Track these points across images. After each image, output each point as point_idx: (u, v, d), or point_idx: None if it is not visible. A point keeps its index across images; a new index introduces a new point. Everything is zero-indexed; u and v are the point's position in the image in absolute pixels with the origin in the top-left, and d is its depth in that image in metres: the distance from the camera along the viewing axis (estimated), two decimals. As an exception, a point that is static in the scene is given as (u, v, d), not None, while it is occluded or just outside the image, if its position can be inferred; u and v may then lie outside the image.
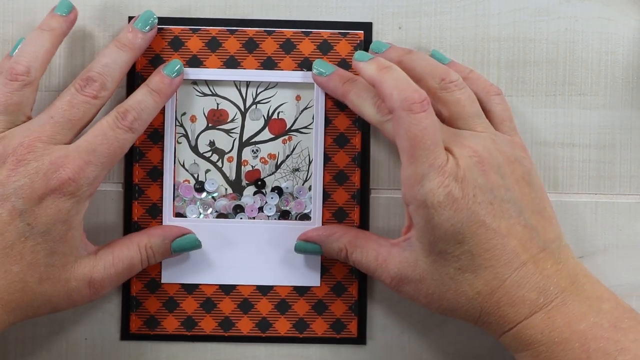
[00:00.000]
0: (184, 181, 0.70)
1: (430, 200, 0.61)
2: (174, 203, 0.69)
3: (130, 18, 0.70)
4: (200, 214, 0.70)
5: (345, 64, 0.69)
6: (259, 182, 0.70)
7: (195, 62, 0.69)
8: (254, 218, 0.70)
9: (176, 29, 0.69)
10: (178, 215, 0.70)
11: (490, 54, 0.71)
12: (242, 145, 0.70)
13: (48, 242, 0.62)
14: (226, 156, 0.70)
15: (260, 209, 0.70)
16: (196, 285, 0.70)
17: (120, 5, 0.70)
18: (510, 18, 0.70)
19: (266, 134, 0.70)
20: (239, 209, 0.70)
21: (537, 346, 0.61)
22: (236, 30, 0.69)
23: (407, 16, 0.71)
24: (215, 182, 0.70)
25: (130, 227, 0.69)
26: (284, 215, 0.70)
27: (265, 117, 0.70)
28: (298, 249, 0.69)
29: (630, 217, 0.71)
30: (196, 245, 0.68)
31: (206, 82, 0.70)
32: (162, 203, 0.69)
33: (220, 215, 0.70)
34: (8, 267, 0.61)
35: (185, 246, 0.68)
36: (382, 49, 0.68)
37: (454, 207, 0.61)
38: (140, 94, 0.66)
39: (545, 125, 0.71)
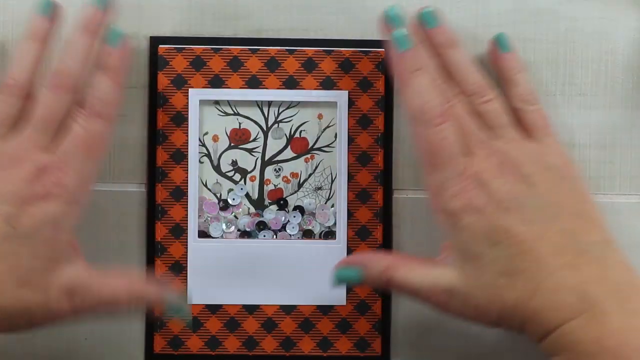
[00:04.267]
0: (207, 200, 0.70)
1: (451, 208, 0.61)
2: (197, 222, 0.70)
3: (151, 38, 0.69)
4: (223, 231, 0.70)
5: (366, 82, 0.69)
6: (282, 202, 0.70)
7: (217, 81, 0.69)
8: (277, 231, 0.70)
9: (198, 48, 0.69)
10: (202, 234, 0.69)
11: (490, 53, 0.71)
12: (265, 164, 0.70)
13: (32, 246, 0.61)
14: (249, 175, 0.70)
15: (283, 227, 0.70)
16: (220, 305, 0.70)
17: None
18: (510, 18, 0.70)
19: (288, 153, 0.70)
20: (262, 225, 0.70)
21: (569, 354, 0.59)
22: (258, 49, 0.69)
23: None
24: (237, 197, 0.70)
25: (153, 247, 0.69)
26: (306, 234, 0.70)
27: (287, 136, 0.70)
28: (337, 277, 0.66)
29: (630, 217, 0.71)
30: (184, 313, 0.66)
31: (228, 102, 0.69)
32: (185, 223, 0.69)
33: (244, 234, 0.70)
34: None
35: (173, 310, 0.65)
36: (433, 24, 0.66)
37: (477, 213, 0.61)
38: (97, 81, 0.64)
39: (545, 124, 0.71)
